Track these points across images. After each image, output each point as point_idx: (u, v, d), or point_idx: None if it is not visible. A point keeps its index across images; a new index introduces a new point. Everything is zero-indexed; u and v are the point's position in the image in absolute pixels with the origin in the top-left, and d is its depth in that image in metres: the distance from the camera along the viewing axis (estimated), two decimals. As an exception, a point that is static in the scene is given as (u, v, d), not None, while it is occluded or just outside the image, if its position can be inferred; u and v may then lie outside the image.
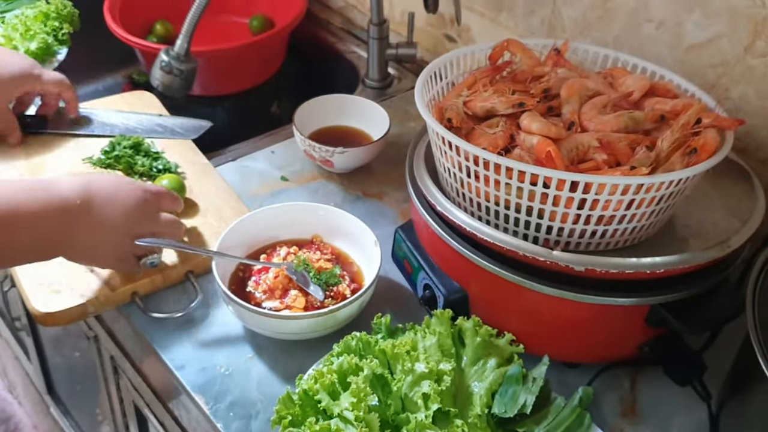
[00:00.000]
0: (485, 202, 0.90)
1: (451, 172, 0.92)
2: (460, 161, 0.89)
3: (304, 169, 1.28)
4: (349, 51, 1.61)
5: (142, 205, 0.96)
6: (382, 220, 1.18)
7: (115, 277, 1.02)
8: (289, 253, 1.05)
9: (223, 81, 1.56)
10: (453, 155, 0.90)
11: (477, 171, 0.88)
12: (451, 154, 0.90)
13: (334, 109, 1.31)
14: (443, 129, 0.89)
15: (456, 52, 1.04)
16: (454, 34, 1.46)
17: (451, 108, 0.96)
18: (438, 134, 0.90)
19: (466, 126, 0.96)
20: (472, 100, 0.98)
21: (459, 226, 0.91)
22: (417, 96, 0.95)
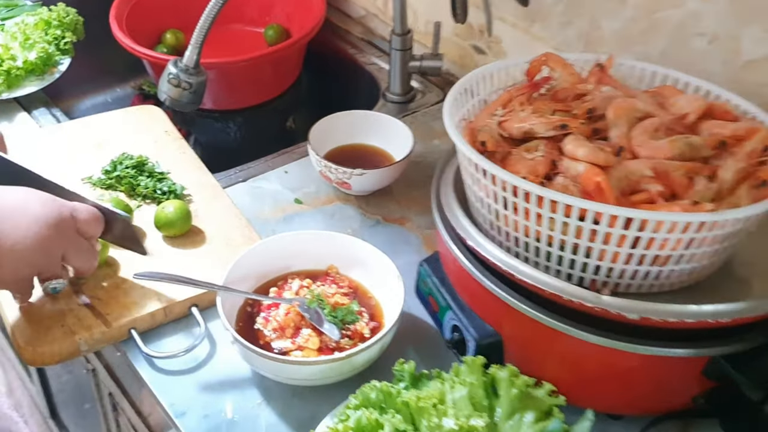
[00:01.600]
0: (524, 237, 0.80)
1: (484, 203, 0.82)
2: (496, 191, 0.79)
3: (319, 191, 1.18)
4: (369, 63, 1.52)
5: (53, 224, 0.86)
6: (405, 248, 1.08)
7: (112, 312, 0.93)
8: (302, 287, 0.95)
9: (235, 95, 1.47)
10: (487, 184, 0.80)
11: (515, 203, 0.78)
12: (485, 183, 0.80)
13: (353, 126, 1.22)
14: (477, 155, 0.79)
15: (489, 67, 0.94)
16: (484, 45, 1.37)
17: (484, 129, 0.87)
18: (470, 160, 0.80)
19: (502, 150, 0.86)
20: (508, 120, 0.88)
21: (493, 263, 0.81)
22: (446, 115, 0.86)
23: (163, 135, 1.25)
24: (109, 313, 0.93)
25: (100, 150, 1.20)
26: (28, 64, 1.31)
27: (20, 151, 1.18)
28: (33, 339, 0.89)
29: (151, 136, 1.24)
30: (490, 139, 0.85)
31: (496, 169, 0.77)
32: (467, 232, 0.84)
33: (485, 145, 0.84)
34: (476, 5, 1.30)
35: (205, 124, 1.51)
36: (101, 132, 1.24)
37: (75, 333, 0.90)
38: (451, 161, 0.95)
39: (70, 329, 0.91)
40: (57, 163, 1.17)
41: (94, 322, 0.92)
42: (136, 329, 0.93)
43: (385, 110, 1.37)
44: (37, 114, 1.33)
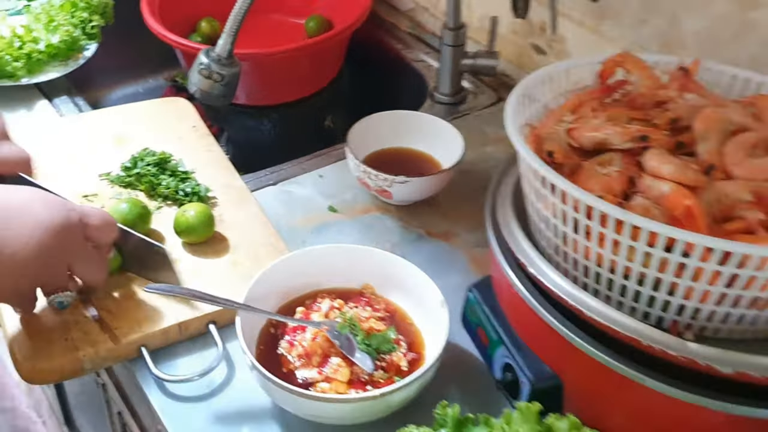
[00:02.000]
0: (595, 266, 0.68)
1: (549, 224, 0.71)
2: (565, 211, 0.67)
3: (356, 199, 1.08)
4: (417, 59, 1.41)
5: (59, 231, 0.76)
6: (450, 268, 0.97)
7: (121, 326, 0.83)
8: (333, 308, 0.84)
9: (270, 89, 1.37)
10: (555, 202, 0.68)
11: (588, 226, 0.66)
12: (552, 200, 0.69)
13: (397, 127, 1.11)
14: (545, 167, 0.68)
15: (555, 67, 0.83)
16: (544, 44, 1.25)
17: (552, 138, 0.75)
18: (536, 172, 0.69)
19: (571, 162, 0.74)
20: (578, 128, 0.77)
21: (557, 295, 0.69)
22: (508, 120, 0.74)
23: (190, 131, 1.15)
24: (118, 327, 0.83)
25: (122, 144, 1.11)
26: (50, 47, 1.23)
27: (37, 141, 1.09)
28: (32, 353, 0.80)
29: (177, 131, 1.15)
30: (559, 150, 0.74)
31: (567, 185, 0.65)
32: (528, 256, 0.73)
33: (553, 156, 0.73)
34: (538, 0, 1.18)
35: (237, 120, 1.41)
36: (124, 124, 1.15)
37: (78, 349, 0.81)
38: (509, 172, 0.83)
39: (74, 344, 0.81)
40: (75, 155, 1.08)
41: (100, 337, 0.82)
42: (146, 347, 0.83)
43: (433, 111, 1.26)
44: (59, 102, 1.24)
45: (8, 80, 1.20)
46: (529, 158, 0.69)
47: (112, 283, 0.88)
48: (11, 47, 1.20)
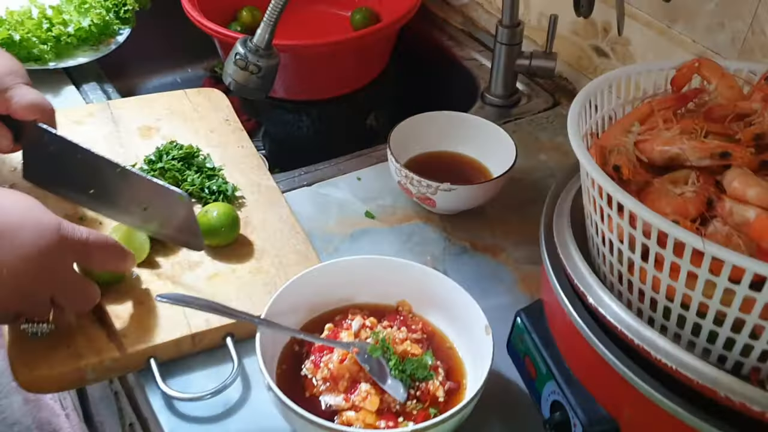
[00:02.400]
0: (665, 300, 0.60)
1: (614, 248, 0.63)
2: (633, 235, 0.59)
3: (396, 205, 1.00)
4: (468, 58, 1.33)
5: (44, 261, 0.69)
6: (495, 286, 0.89)
7: (130, 334, 0.77)
8: (365, 326, 0.77)
9: (311, 83, 1.30)
10: (622, 224, 0.60)
11: (659, 254, 0.58)
12: (618, 222, 0.60)
13: (443, 129, 1.03)
14: (612, 185, 0.59)
15: (623, 71, 0.74)
16: (606, 46, 1.16)
17: (618, 150, 0.67)
18: (601, 189, 0.61)
19: (639, 178, 0.66)
20: (648, 140, 0.68)
21: (619, 330, 0.61)
22: (571, 128, 0.66)
23: (222, 124, 1.09)
24: (126, 335, 0.77)
25: (149, 135, 1.05)
26: (81, 31, 1.18)
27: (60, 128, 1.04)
28: (31, 360, 0.74)
29: (209, 124, 1.09)
30: (627, 164, 0.65)
31: (638, 206, 0.57)
32: (587, 283, 0.64)
33: (620, 171, 0.65)
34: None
35: (274, 115, 1.34)
36: (152, 114, 1.09)
37: (82, 357, 0.75)
38: (568, 185, 0.75)
39: (77, 351, 0.75)
40: (98, 145, 1.02)
41: (106, 345, 0.76)
42: (156, 358, 0.77)
43: (483, 114, 1.18)
44: (87, 89, 1.19)
45: (35, 63, 1.16)
46: (594, 173, 0.61)
47: (122, 286, 0.82)
48: (39, 29, 1.15)
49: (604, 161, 0.66)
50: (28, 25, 1.15)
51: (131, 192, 0.84)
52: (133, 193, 0.84)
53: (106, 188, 0.85)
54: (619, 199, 0.58)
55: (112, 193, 0.85)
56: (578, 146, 0.64)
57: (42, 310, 0.73)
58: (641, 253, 0.60)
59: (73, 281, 0.74)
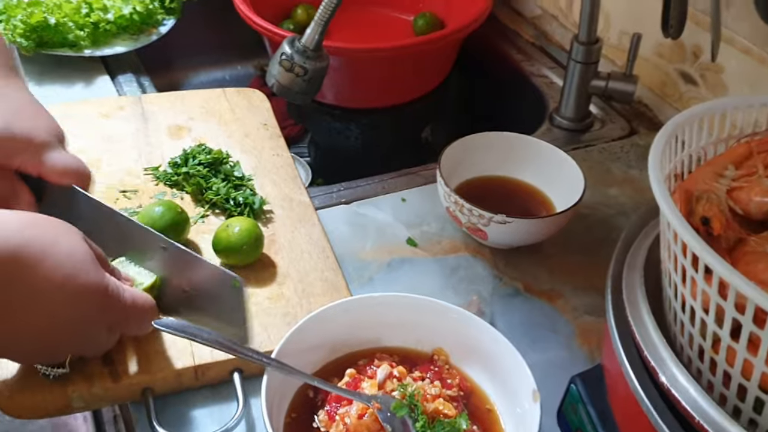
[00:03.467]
0: (759, 391, 0.49)
1: (695, 317, 0.52)
2: (722, 306, 0.49)
3: (443, 234, 0.91)
4: (538, 74, 1.23)
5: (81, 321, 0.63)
6: (549, 338, 0.79)
7: (126, 360, 0.69)
8: (392, 376, 0.68)
9: (364, 91, 1.22)
10: (709, 291, 0.50)
11: (756, 335, 0.47)
12: (704, 287, 0.50)
13: (503, 152, 0.94)
14: (698, 239, 0.49)
15: (718, 103, 0.64)
16: (695, 72, 1.05)
17: (708, 198, 0.57)
18: (685, 246, 0.51)
19: (731, 234, 0.55)
20: (744, 188, 0.58)
21: (696, 422, 0.50)
22: (653, 167, 0.56)
23: (259, 128, 1.02)
24: (122, 362, 0.69)
25: (178, 135, 0.98)
26: (121, 19, 1.12)
27: (87, 120, 0.98)
28: (13, 382, 0.67)
29: (244, 127, 1.01)
30: (719, 215, 0.55)
31: (730, 272, 0.47)
32: (659, 357, 0.54)
33: (708, 225, 0.54)
34: (694, 19, 0.99)
35: (321, 122, 1.27)
36: (185, 113, 1.03)
37: (69, 382, 0.67)
38: (645, 230, 0.65)
39: (67, 375, 0.68)
40: (124, 142, 0.96)
41: (98, 371, 0.68)
42: (153, 390, 0.69)
43: (550, 137, 1.08)
44: (122, 80, 1.13)
45: (70, 50, 1.10)
46: (678, 225, 0.50)
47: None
48: (77, 14, 1.10)
49: (690, 210, 0.55)
50: (65, 9, 1.10)
51: (174, 270, 0.74)
52: (176, 272, 0.74)
53: (142, 261, 0.75)
54: (707, 260, 0.48)
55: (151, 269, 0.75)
56: (660, 190, 0.53)
57: (62, 358, 0.67)
58: (731, 329, 0.49)
59: (98, 340, 0.66)
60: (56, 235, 0.63)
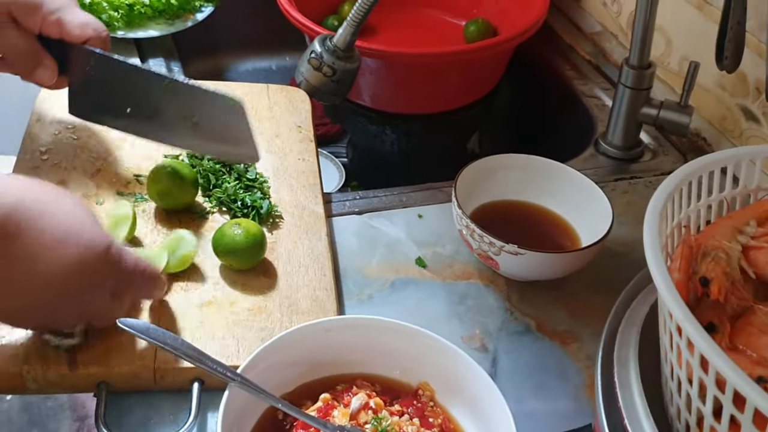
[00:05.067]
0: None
1: (682, 388, 0.49)
2: (704, 381, 0.45)
3: (456, 257, 0.88)
4: (590, 95, 1.19)
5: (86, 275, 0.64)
6: (556, 385, 0.76)
7: (88, 350, 0.69)
8: (368, 406, 0.66)
9: (405, 96, 1.20)
10: (692, 362, 0.46)
11: (736, 418, 0.44)
12: (688, 358, 0.47)
13: (529, 176, 0.91)
14: (683, 307, 0.46)
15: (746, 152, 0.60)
16: (757, 109, 0.99)
17: (716, 256, 0.53)
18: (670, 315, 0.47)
19: (738, 300, 0.52)
20: (763, 248, 0.55)
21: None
22: (650, 215, 0.53)
23: (292, 130, 1.01)
24: (83, 350, 0.69)
25: (206, 126, 0.98)
26: (157, 2, 1.13)
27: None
28: None
29: (277, 126, 1.01)
30: (721, 278, 0.51)
31: (710, 347, 0.43)
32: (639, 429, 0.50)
33: (707, 286, 0.51)
34: (757, 49, 0.93)
35: (357, 123, 1.25)
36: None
37: (27, 361, 0.68)
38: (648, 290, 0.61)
39: (25, 353, 0.68)
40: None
41: (56, 356, 0.68)
42: (109, 385, 0.69)
43: (593, 164, 1.04)
44: (152, 63, 1.14)
45: (103, 30, 1.11)
46: (664, 288, 0.47)
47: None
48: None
49: (689, 271, 0.52)
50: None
51: (180, 105, 0.84)
52: (182, 106, 0.84)
53: (154, 106, 0.85)
54: (687, 330, 0.45)
55: (161, 111, 0.85)
56: (650, 243, 0.51)
57: (68, 324, 0.68)
58: (713, 409, 0.46)
59: (101, 303, 0.67)
60: (56, 196, 0.65)
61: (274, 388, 0.66)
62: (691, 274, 0.53)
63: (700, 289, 0.51)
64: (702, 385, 0.46)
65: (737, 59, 0.86)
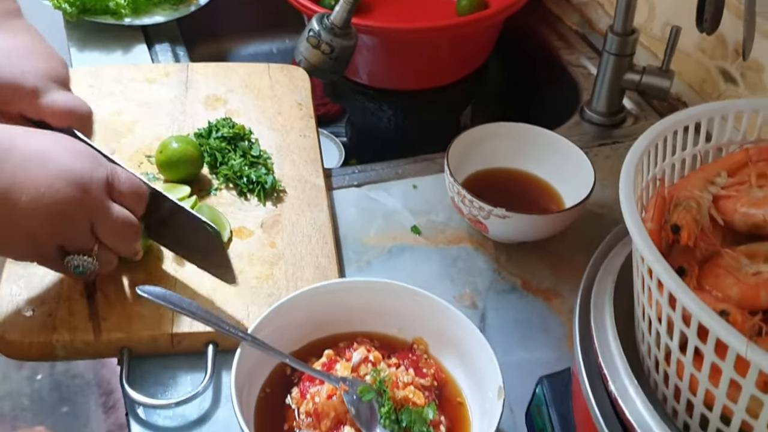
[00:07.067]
0: (704, 408, 0.48)
1: (652, 327, 0.52)
2: (672, 317, 0.48)
3: (449, 223, 0.91)
4: (576, 64, 1.21)
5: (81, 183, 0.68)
6: (540, 337, 0.79)
7: (110, 317, 0.73)
8: (367, 360, 0.69)
9: (399, 72, 1.22)
10: (661, 300, 0.49)
11: (699, 349, 0.47)
12: (658, 298, 0.50)
13: (517, 144, 0.93)
14: (653, 250, 0.48)
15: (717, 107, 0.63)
16: (736, 71, 1.01)
17: (687, 206, 0.56)
18: (642, 258, 0.50)
19: (707, 245, 0.54)
20: (732, 197, 0.57)
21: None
22: (626, 167, 0.56)
23: (293, 107, 1.03)
24: (105, 318, 0.73)
25: (214, 106, 1.01)
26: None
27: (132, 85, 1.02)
28: (7, 322, 0.72)
29: (279, 104, 1.03)
30: (691, 225, 0.54)
31: (677, 284, 0.46)
32: (612, 365, 0.54)
33: (678, 233, 0.53)
34: (736, 12, 0.95)
35: (355, 102, 1.28)
36: (226, 84, 1.05)
37: (55, 331, 0.72)
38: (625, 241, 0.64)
39: (54, 323, 0.72)
40: (160, 108, 0.99)
41: (82, 324, 0.72)
42: (131, 350, 0.72)
43: (579, 131, 1.07)
44: (159, 49, 1.16)
45: (111, 18, 1.14)
46: (636, 233, 0.50)
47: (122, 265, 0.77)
48: (120, -17, 1.14)
49: (662, 217, 0.55)
50: (106, -23, 1.14)
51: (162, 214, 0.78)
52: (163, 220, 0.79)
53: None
54: (657, 271, 0.47)
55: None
56: (625, 188, 0.53)
57: (84, 240, 0.70)
58: (679, 342, 0.49)
59: (112, 211, 0.70)
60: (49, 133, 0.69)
61: (282, 348, 0.69)
62: (663, 224, 0.56)
63: (672, 237, 0.53)
64: (670, 322, 0.49)
65: (717, 21, 0.88)
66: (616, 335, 0.55)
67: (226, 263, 0.75)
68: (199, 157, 0.88)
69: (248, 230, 0.84)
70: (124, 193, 0.72)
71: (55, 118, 0.80)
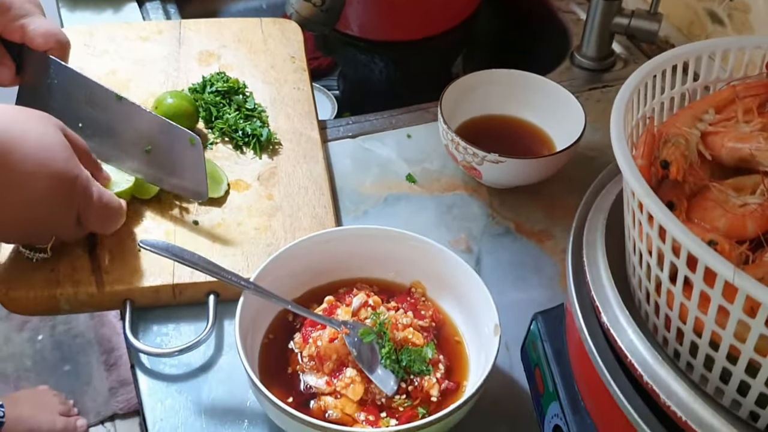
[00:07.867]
0: (693, 335, 0.50)
1: (642, 260, 0.53)
2: (662, 249, 0.49)
3: (443, 171, 0.92)
4: (566, 10, 1.20)
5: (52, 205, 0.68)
6: (534, 278, 0.80)
7: (112, 271, 0.74)
8: (367, 304, 0.70)
9: (389, 22, 1.21)
10: (651, 233, 0.50)
11: (689, 278, 0.47)
12: (648, 231, 0.50)
13: (509, 90, 0.93)
14: (643, 184, 0.49)
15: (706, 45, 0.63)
16: (723, 12, 1.01)
17: (676, 142, 0.56)
18: (632, 192, 0.51)
19: (695, 179, 0.55)
20: (720, 133, 0.58)
21: (629, 362, 0.52)
22: (617, 105, 0.57)
23: (286, 61, 1.03)
24: (108, 271, 0.74)
25: (207, 62, 1.01)
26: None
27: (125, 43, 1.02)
28: (12, 278, 0.73)
29: (272, 58, 1.03)
30: (679, 160, 0.55)
31: (666, 217, 0.47)
32: (604, 297, 0.55)
33: (667, 168, 0.54)
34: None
35: (346, 54, 1.27)
36: (219, 40, 1.04)
37: (59, 285, 0.73)
38: (616, 179, 0.65)
39: (57, 278, 0.73)
40: (154, 66, 0.99)
41: (85, 278, 0.73)
42: (133, 302, 0.74)
43: (569, 76, 1.07)
44: (149, 7, 1.16)
45: (100, -23, 1.13)
46: (626, 168, 0.51)
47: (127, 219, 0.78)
48: (108, -59, 1.12)
49: (652, 153, 0.55)
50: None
51: (134, 130, 0.80)
52: (136, 132, 0.80)
53: (107, 126, 0.81)
54: (647, 204, 0.48)
55: (114, 132, 0.81)
56: (616, 126, 0.54)
57: (41, 240, 0.73)
58: (669, 273, 0.50)
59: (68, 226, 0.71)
60: (26, 126, 0.67)
61: (283, 295, 0.70)
62: (653, 160, 0.56)
63: (661, 172, 0.54)
64: (660, 254, 0.50)
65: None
66: (608, 269, 0.56)
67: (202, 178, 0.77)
68: (194, 112, 0.88)
69: (245, 183, 0.85)
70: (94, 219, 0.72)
71: (42, 39, 0.80)
